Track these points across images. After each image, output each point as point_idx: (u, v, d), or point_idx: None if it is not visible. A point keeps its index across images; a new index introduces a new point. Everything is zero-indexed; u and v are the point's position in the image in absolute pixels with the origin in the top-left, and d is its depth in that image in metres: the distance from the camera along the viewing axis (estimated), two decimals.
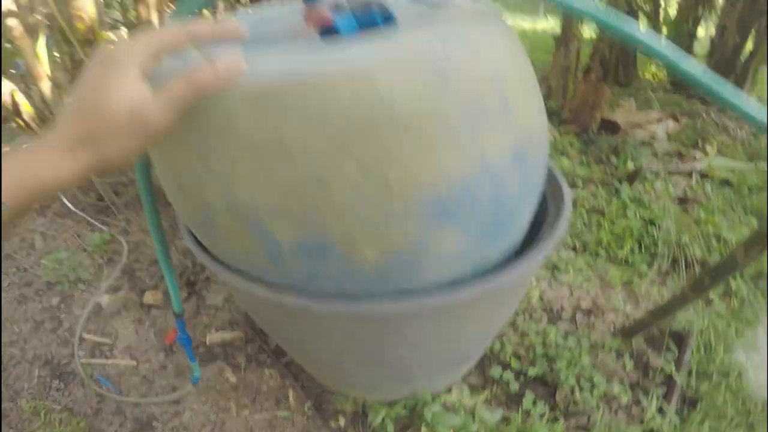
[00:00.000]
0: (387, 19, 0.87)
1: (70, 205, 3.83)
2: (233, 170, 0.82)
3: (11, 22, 3.62)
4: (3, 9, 3.59)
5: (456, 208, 0.85)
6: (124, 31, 13.99)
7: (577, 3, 0.81)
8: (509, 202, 0.94)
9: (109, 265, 3.19)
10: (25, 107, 4.12)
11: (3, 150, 0.62)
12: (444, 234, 0.88)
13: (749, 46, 5.80)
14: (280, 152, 0.77)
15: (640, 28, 0.83)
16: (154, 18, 5.34)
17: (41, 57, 3.77)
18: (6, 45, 4.65)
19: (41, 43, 3.87)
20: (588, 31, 6.29)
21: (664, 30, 9.25)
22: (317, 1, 0.98)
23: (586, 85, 4.22)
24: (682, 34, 6.29)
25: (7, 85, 3.99)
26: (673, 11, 8.16)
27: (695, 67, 0.83)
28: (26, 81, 4.84)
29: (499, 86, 0.85)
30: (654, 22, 7.99)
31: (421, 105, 0.76)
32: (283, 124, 0.76)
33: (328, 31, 0.85)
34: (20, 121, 4.18)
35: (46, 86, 3.75)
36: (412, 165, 0.79)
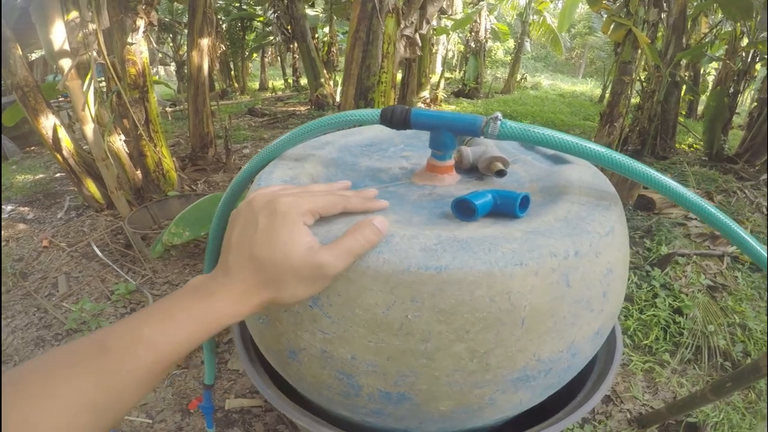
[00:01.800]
0: (524, 205, 0.91)
1: (97, 250, 3.84)
2: (342, 333, 0.84)
3: (64, 62, 3.68)
4: (56, 48, 3.67)
5: (534, 377, 0.90)
6: (173, 67, 14.18)
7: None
8: (577, 366, 0.99)
9: None
10: (66, 143, 4.19)
11: (184, 294, 0.68)
12: (515, 394, 0.92)
13: None
14: (399, 330, 0.80)
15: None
16: (205, 64, 5.48)
17: (89, 100, 3.80)
18: (56, 79, 4.76)
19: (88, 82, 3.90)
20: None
21: (703, 98, 9.35)
22: (446, 158, 1.04)
23: None
24: (721, 106, 6.23)
25: (51, 120, 4.06)
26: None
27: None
28: (71, 118, 4.95)
29: (607, 280, 0.89)
30: (693, 92, 8.01)
31: (543, 305, 0.80)
32: (412, 310, 0.78)
33: (463, 207, 0.88)
34: (59, 156, 4.24)
35: (89, 128, 3.78)
36: (513, 350, 0.82)
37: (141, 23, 3.91)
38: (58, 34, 3.67)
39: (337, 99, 10.58)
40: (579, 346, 0.91)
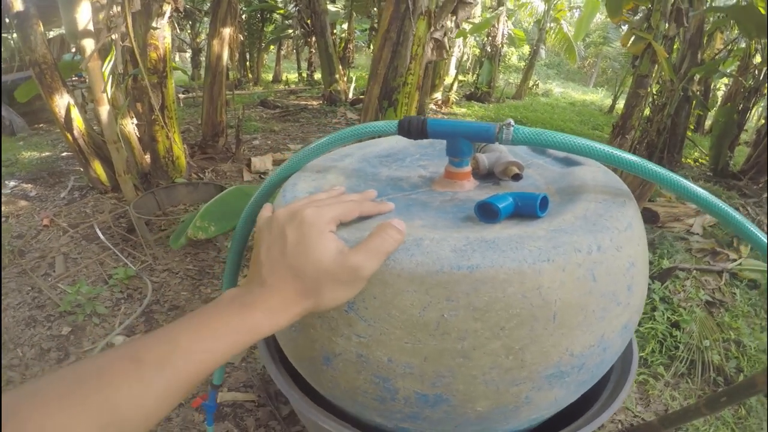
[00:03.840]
0: (543, 206, 0.93)
1: (99, 231, 3.85)
2: (379, 336, 0.86)
3: (86, 42, 3.70)
4: (80, 28, 3.68)
5: (568, 373, 0.93)
6: (189, 54, 14.09)
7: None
8: (608, 361, 1.02)
9: (128, 302, 3.14)
10: (78, 123, 4.23)
11: (219, 306, 0.70)
12: (551, 391, 0.95)
13: None
14: (435, 329, 0.82)
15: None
16: (225, 53, 5.49)
17: (107, 80, 3.82)
18: (75, 59, 4.78)
19: (108, 64, 3.91)
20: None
21: (712, 113, 9.32)
22: (464, 165, 1.08)
23: (635, 177, 4.24)
24: (730, 122, 6.24)
25: (66, 99, 4.09)
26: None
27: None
28: (84, 98, 4.96)
29: (630, 273, 0.92)
30: (703, 107, 8.00)
31: (572, 300, 0.83)
32: (447, 310, 0.81)
33: (486, 210, 0.91)
34: (69, 136, 4.26)
35: (104, 110, 3.80)
36: (547, 345, 0.85)
37: (167, 8, 3.94)
38: (84, 14, 3.69)
39: (350, 96, 10.60)
40: (609, 340, 0.94)
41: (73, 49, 4.77)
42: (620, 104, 5.84)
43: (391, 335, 0.85)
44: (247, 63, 14.83)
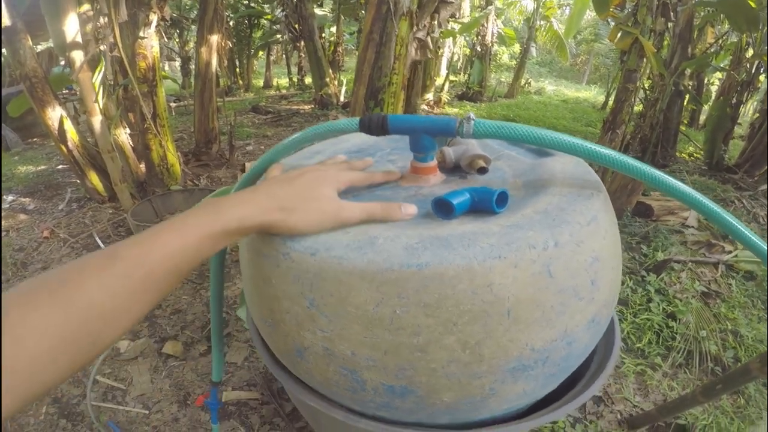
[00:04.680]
0: (501, 201, 0.94)
1: (98, 240, 3.86)
2: (340, 330, 0.88)
3: (75, 54, 3.71)
4: (68, 41, 3.69)
5: (532, 366, 0.92)
6: (178, 63, 14.05)
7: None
8: (577, 355, 1.01)
9: None
10: (72, 135, 4.22)
11: (196, 208, 0.76)
12: (516, 384, 0.94)
13: None
14: (390, 325, 0.83)
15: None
16: (214, 60, 5.50)
17: (98, 91, 3.83)
18: (65, 71, 4.78)
19: (98, 74, 3.92)
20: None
21: (706, 108, 9.34)
22: (428, 159, 1.11)
23: None
24: (724, 116, 6.26)
25: (58, 112, 4.09)
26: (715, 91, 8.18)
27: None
28: (76, 110, 4.96)
29: (593, 268, 0.93)
30: (696, 101, 8.02)
31: (526, 296, 0.82)
32: (399, 306, 0.82)
33: (442, 206, 0.93)
34: (63, 148, 4.26)
35: (97, 121, 3.80)
36: (504, 340, 0.86)
37: (154, 18, 3.96)
38: (71, 26, 3.70)
39: (341, 99, 10.61)
40: (574, 334, 0.93)
41: (62, 62, 4.77)
42: (613, 100, 5.84)
43: (351, 330, 0.87)
44: (237, 69, 14.84)
